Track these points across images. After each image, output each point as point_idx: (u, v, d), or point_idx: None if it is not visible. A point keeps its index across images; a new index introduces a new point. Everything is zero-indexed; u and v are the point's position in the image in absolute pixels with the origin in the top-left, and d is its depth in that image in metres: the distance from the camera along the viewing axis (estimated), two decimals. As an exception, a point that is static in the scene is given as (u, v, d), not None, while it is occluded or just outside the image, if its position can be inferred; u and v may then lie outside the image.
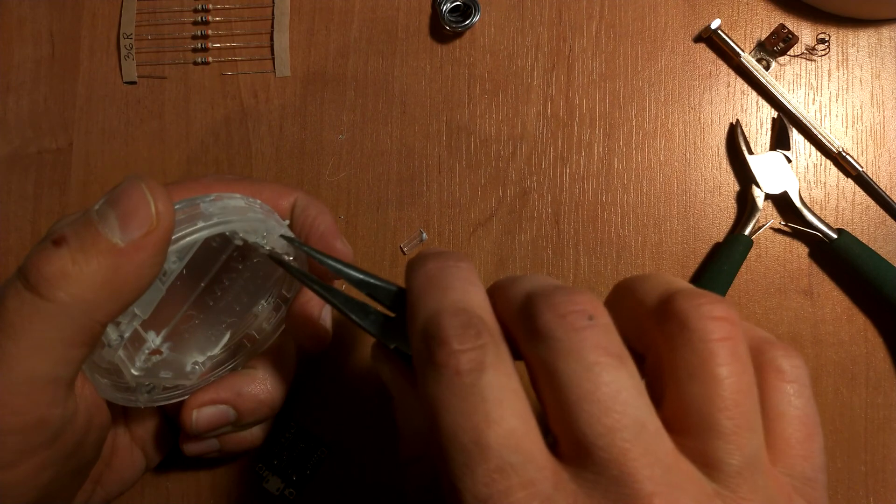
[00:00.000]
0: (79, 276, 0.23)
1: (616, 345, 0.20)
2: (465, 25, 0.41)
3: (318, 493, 0.39)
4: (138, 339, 0.28)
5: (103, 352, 0.26)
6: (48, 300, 0.23)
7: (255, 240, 0.28)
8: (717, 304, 0.20)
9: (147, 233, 0.24)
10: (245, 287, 0.31)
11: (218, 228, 0.26)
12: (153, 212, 0.24)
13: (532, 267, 0.41)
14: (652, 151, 0.42)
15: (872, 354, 0.40)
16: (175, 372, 0.30)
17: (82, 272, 0.23)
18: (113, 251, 0.24)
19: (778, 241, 0.41)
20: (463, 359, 0.20)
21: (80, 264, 0.23)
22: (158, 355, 0.29)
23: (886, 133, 0.42)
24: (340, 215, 0.41)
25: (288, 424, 0.39)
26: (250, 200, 0.29)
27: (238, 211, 0.27)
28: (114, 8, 0.43)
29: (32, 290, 0.23)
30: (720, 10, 0.42)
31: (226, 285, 0.31)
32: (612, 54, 0.42)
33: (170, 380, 0.29)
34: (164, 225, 0.24)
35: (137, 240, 0.24)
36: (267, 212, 0.29)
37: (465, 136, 0.42)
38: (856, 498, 0.39)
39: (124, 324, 0.26)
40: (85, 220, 0.24)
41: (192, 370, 0.30)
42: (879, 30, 0.42)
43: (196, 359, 0.31)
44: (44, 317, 0.23)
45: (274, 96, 0.42)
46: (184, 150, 0.42)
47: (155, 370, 0.29)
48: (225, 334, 0.32)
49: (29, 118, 0.42)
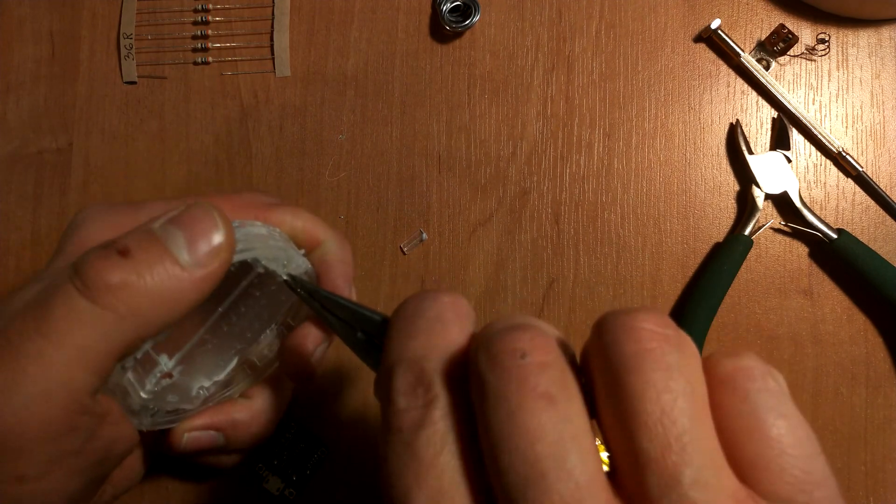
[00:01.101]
0: (141, 290, 0.23)
1: (549, 383, 0.18)
2: (465, 25, 0.41)
3: (318, 493, 0.39)
4: (150, 362, 0.28)
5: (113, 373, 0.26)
6: (104, 308, 0.23)
7: (275, 268, 0.28)
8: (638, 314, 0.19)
9: (213, 257, 0.24)
10: (259, 315, 0.31)
11: (242, 256, 0.26)
12: (221, 237, 0.25)
13: (532, 267, 0.41)
14: (652, 151, 0.42)
15: (872, 354, 0.40)
16: (181, 396, 0.30)
17: (146, 287, 0.23)
18: (178, 271, 0.24)
19: (778, 241, 0.41)
20: (405, 418, 0.19)
21: (144, 279, 0.23)
22: (168, 379, 0.29)
23: (886, 133, 0.42)
24: (340, 215, 0.41)
25: (288, 424, 0.39)
26: (271, 228, 0.29)
27: (260, 239, 0.27)
28: (114, 8, 0.43)
29: (89, 296, 0.22)
30: (720, 10, 0.42)
31: (242, 312, 0.31)
32: (612, 54, 0.42)
33: (174, 404, 0.29)
34: (228, 251, 0.25)
35: (204, 263, 0.24)
36: (286, 241, 0.29)
37: (465, 136, 0.42)
38: (856, 498, 0.39)
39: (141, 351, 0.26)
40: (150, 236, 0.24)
41: (198, 395, 0.30)
42: (879, 30, 0.42)
43: (202, 383, 0.31)
44: (95, 326, 0.23)
45: (274, 96, 0.42)
46: (184, 150, 0.42)
47: (163, 394, 0.28)
48: (232, 360, 0.31)
49: (29, 118, 0.42)
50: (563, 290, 0.40)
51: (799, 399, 0.40)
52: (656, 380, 0.17)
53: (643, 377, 0.17)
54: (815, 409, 0.40)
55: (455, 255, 0.41)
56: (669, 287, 0.41)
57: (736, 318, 0.40)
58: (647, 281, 0.41)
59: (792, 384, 0.40)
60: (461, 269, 0.41)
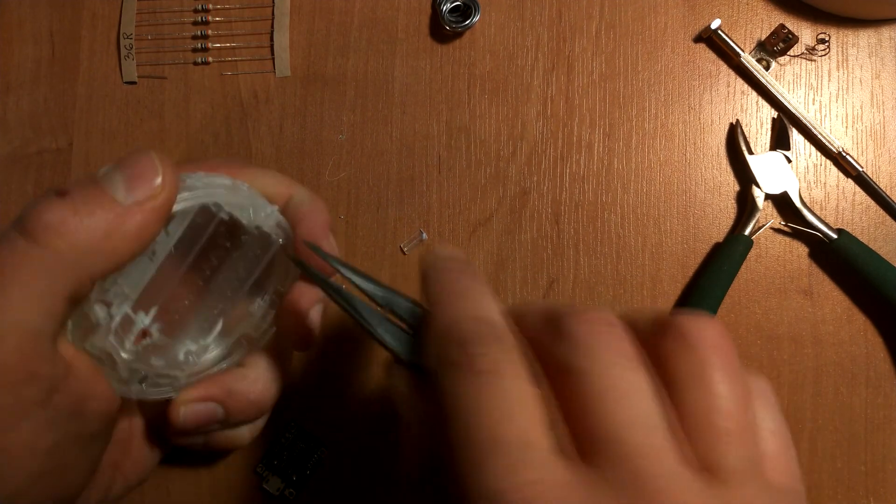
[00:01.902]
0: (78, 227, 0.23)
1: (634, 350, 0.21)
2: (465, 25, 0.41)
3: (318, 493, 0.39)
4: (129, 322, 0.28)
5: (96, 337, 0.26)
6: (44, 247, 0.23)
7: (240, 215, 0.28)
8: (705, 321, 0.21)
9: (151, 196, 0.25)
10: (234, 268, 0.31)
11: (202, 200, 0.27)
12: (160, 178, 0.25)
13: (532, 267, 0.41)
14: (652, 151, 0.42)
15: (872, 354, 0.40)
16: (167, 360, 0.29)
17: (82, 223, 0.24)
18: (116, 208, 0.24)
19: (778, 241, 0.41)
20: (483, 360, 0.20)
21: (81, 215, 0.24)
22: (149, 337, 0.28)
23: (886, 133, 0.42)
24: (340, 215, 0.41)
25: (288, 424, 0.39)
26: (237, 181, 0.29)
27: (223, 187, 0.28)
28: (114, 8, 0.43)
29: (28, 236, 0.23)
30: (720, 10, 0.42)
31: (214, 264, 0.30)
32: (612, 54, 0.42)
33: (162, 368, 0.29)
34: (169, 192, 0.25)
35: (141, 201, 0.25)
36: (254, 193, 0.29)
37: (465, 136, 0.42)
38: (856, 498, 0.39)
39: (115, 305, 0.26)
40: (89, 179, 0.25)
41: (186, 360, 0.30)
42: (879, 30, 0.42)
43: (189, 347, 0.30)
44: (37, 265, 0.23)
45: (274, 96, 0.42)
46: (184, 150, 0.42)
47: (146, 356, 0.28)
48: (217, 322, 0.31)
49: (29, 118, 0.42)
50: (563, 290, 0.40)
51: (799, 399, 0.40)
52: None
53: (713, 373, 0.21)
54: (815, 409, 0.40)
55: (455, 255, 0.41)
56: (669, 287, 0.41)
57: (736, 318, 0.40)
58: (647, 281, 0.41)
59: (792, 384, 0.40)
60: (461, 269, 0.41)
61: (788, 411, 0.40)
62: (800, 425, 0.39)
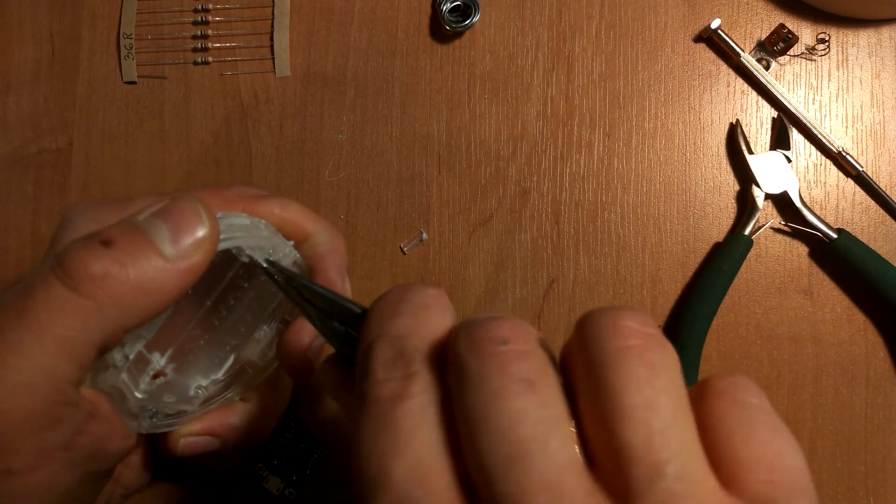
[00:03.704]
0: (123, 280, 0.23)
1: (529, 370, 0.18)
2: (465, 25, 0.41)
3: (318, 493, 0.39)
4: (142, 361, 0.27)
5: (107, 374, 0.26)
6: (86, 298, 0.22)
7: (259, 257, 0.28)
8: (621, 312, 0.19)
9: (195, 249, 0.24)
10: (250, 307, 0.31)
11: (224, 244, 0.26)
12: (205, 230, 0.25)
13: (532, 267, 0.41)
14: (652, 151, 0.42)
15: (872, 354, 0.40)
16: (178, 396, 0.29)
17: (127, 276, 0.23)
18: (160, 262, 0.24)
19: (778, 241, 0.41)
20: (384, 388, 0.19)
21: (126, 268, 0.23)
22: (163, 377, 0.28)
23: (886, 133, 0.42)
24: (340, 215, 0.41)
25: (288, 424, 0.39)
26: (256, 220, 0.29)
27: (243, 228, 0.27)
28: (114, 8, 0.43)
29: (71, 285, 0.22)
30: (720, 10, 0.42)
31: (231, 305, 0.30)
32: (612, 54, 0.42)
33: (173, 405, 0.29)
34: (212, 243, 0.25)
35: (186, 253, 0.24)
36: (272, 232, 0.29)
37: (465, 136, 0.42)
38: (856, 498, 0.39)
39: (129, 345, 0.26)
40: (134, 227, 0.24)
41: (196, 394, 0.30)
42: (879, 30, 0.42)
43: (200, 382, 0.30)
44: (76, 315, 0.22)
45: (274, 96, 0.42)
46: (184, 150, 0.42)
47: (159, 393, 0.28)
48: (229, 357, 0.31)
49: (29, 118, 0.42)
50: (563, 290, 0.40)
51: (799, 399, 0.40)
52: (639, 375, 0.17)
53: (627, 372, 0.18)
54: (815, 409, 0.40)
55: (455, 255, 0.41)
56: (669, 287, 0.41)
57: (736, 318, 0.40)
58: (647, 281, 0.41)
59: (792, 384, 0.40)
60: (461, 269, 0.41)
61: (788, 411, 0.40)
62: (800, 425, 0.39)
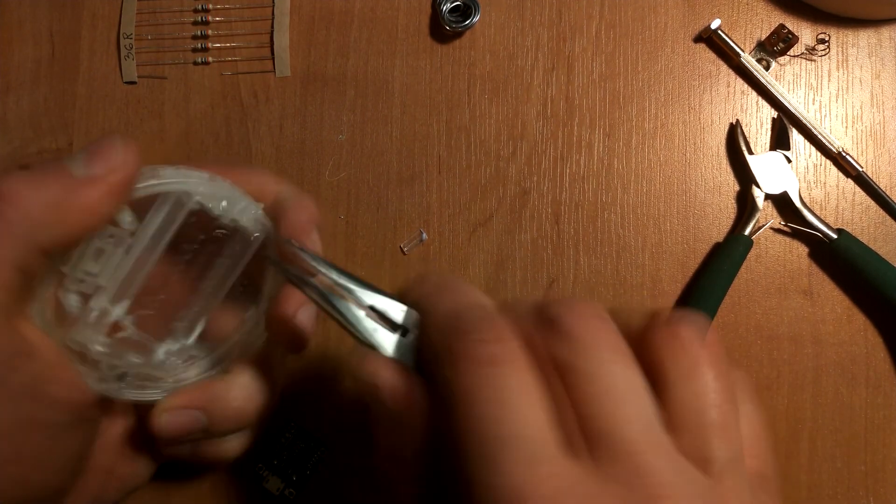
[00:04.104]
0: (30, 196, 0.24)
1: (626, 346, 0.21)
2: (465, 25, 0.41)
3: (318, 493, 0.39)
4: (105, 315, 0.28)
5: (73, 331, 0.26)
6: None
7: (212, 206, 0.28)
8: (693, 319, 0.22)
9: (107, 171, 0.25)
10: (210, 263, 0.30)
11: (171, 188, 0.27)
12: (119, 157, 0.26)
13: (532, 267, 0.41)
14: (652, 151, 0.42)
15: (872, 354, 0.40)
16: (145, 358, 0.28)
17: (35, 193, 0.24)
18: (69, 181, 0.25)
19: (778, 241, 0.41)
20: (490, 349, 0.20)
21: (34, 186, 0.24)
22: (123, 332, 0.28)
23: (886, 133, 0.42)
24: (340, 215, 0.41)
25: (288, 424, 0.39)
26: (219, 177, 0.29)
27: (198, 177, 0.28)
28: (114, 8, 0.43)
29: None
30: (720, 10, 0.42)
31: (189, 259, 0.30)
32: (612, 54, 0.42)
33: (141, 366, 0.28)
34: (126, 170, 0.26)
35: (95, 175, 0.25)
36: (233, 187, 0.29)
37: (465, 136, 0.42)
38: (856, 498, 0.39)
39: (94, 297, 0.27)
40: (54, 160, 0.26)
41: (166, 360, 0.29)
42: (879, 30, 0.42)
43: (169, 346, 0.29)
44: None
45: (274, 96, 0.42)
46: (184, 150, 0.42)
47: (122, 350, 0.28)
48: (199, 321, 0.30)
49: (29, 118, 0.42)
50: (563, 291, 0.40)
51: (799, 399, 0.40)
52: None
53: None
54: (815, 409, 0.40)
55: (455, 255, 0.41)
56: (669, 287, 0.41)
57: (736, 318, 0.40)
58: (647, 281, 0.41)
59: (792, 384, 0.40)
60: (461, 269, 0.41)
61: (788, 411, 0.40)
62: (800, 425, 0.39)
